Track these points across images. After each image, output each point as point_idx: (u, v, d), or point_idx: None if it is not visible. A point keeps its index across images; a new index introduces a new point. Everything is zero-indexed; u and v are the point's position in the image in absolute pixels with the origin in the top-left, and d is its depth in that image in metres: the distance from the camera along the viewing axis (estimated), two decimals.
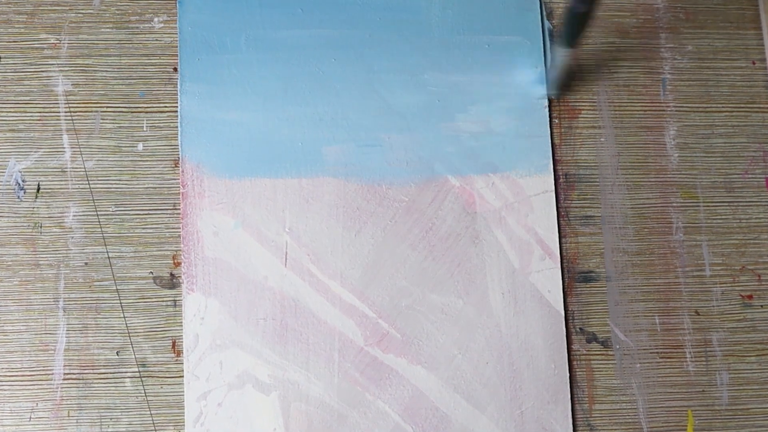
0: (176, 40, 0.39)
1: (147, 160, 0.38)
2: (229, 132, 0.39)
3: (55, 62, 0.39)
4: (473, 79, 0.40)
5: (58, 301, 0.37)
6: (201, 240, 0.38)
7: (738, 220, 0.40)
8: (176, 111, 0.39)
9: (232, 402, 0.36)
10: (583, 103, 0.41)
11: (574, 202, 0.40)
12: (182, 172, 0.38)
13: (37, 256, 0.37)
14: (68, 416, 0.36)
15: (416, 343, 0.38)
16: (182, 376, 0.37)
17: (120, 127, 0.39)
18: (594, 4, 0.33)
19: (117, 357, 0.37)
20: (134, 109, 0.39)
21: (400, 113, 0.39)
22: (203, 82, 0.39)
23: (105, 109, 0.39)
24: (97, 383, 0.36)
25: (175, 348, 0.37)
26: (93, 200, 0.38)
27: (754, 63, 0.42)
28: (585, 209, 0.40)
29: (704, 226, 0.40)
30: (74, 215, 0.38)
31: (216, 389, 0.36)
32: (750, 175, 0.41)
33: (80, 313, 0.37)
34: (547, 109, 0.40)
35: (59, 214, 0.38)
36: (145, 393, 0.37)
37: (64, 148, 0.38)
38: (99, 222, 0.38)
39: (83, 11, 0.39)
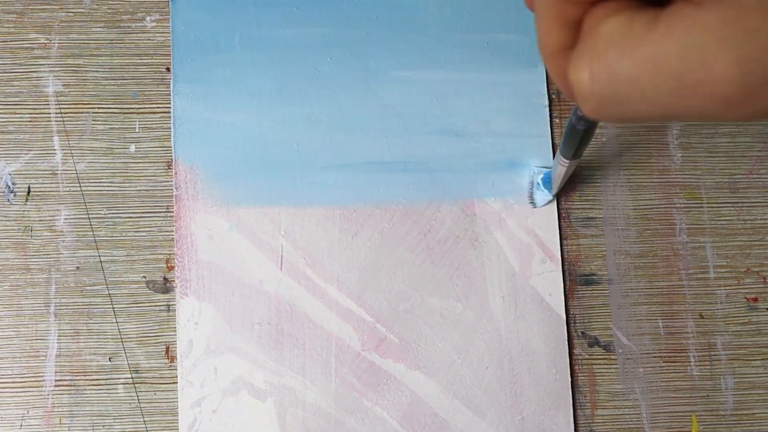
0: (169, 40, 0.39)
1: (139, 162, 0.38)
2: (223, 133, 0.38)
3: (45, 62, 0.38)
4: (472, 78, 0.39)
5: (49, 306, 0.36)
6: (195, 243, 0.37)
7: (743, 221, 0.40)
8: (169, 112, 0.38)
9: (227, 408, 0.36)
10: None
11: (575, 203, 0.39)
12: (175, 174, 0.37)
13: (28, 260, 0.37)
14: (60, 423, 0.35)
15: (415, 347, 0.37)
16: (176, 383, 0.36)
17: (112, 128, 0.38)
18: (595, 123, 0.30)
19: (109, 363, 0.36)
20: (126, 110, 0.38)
21: (397, 113, 0.39)
22: (197, 82, 0.38)
23: (96, 110, 0.38)
24: (90, 390, 0.36)
25: (169, 353, 0.36)
26: (84, 203, 0.37)
27: None
28: (586, 210, 0.39)
29: (708, 227, 0.39)
30: (65, 218, 0.37)
31: (210, 395, 0.36)
32: (755, 176, 0.40)
33: (72, 318, 0.36)
34: (547, 109, 0.39)
35: (50, 218, 0.37)
36: (138, 400, 0.36)
37: (54, 150, 0.37)
38: (91, 225, 0.37)
39: (74, 10, 0.39)
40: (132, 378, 0.36)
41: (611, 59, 0.20)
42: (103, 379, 0.36)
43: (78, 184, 0.37)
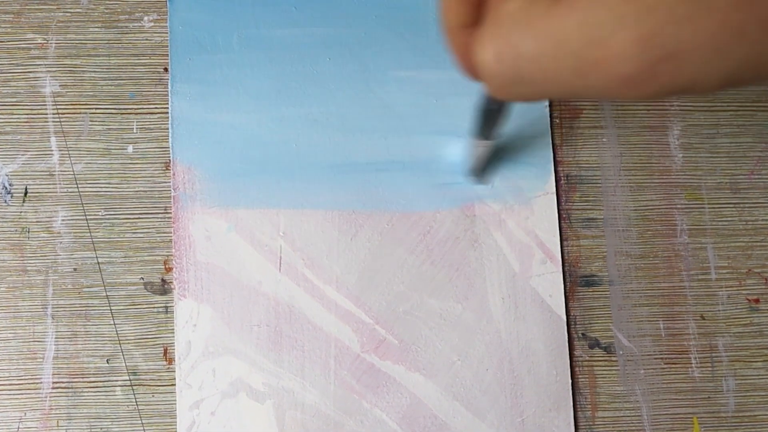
0: (167, 40, 0.38)
1: (137, 163, 0.37)
2: (221, 134, 0.38)
3: (42, 63, 0.38)
4: None
5: (46, 308, 0.36)
6: (193, 244, 0.37)
7: (744, 222, 0.39)
8: (167, 112, 0.38)
9: (225, 410, 0.36)
10: (585, 103, 0.40)
11: (575, 204, 0.39)
12: (173, 174, 0.37)
13: (25, 261, 0.36)
14: (57, 426, 0.35)
15: (414, 349, 0.37)
16: (174, 385, 0.36)
17: (109, 128, 0.38)
18: (505, 103, 0.29)
19: (107, 365, 0.36)
20: (124, 111, 0.38)
21: (397, 113, 0.39)
22: (194, 82, 0.38)
23: (94, 110, 0.38)
24: (87, 392, 0.36)
25: (167, 355, 0.36)
26: (82, 204, 0.37)
27: None
28: (587, 211, 0.39)
29: (709, 228, 0.39)
30: (63, 220, 0.37)
31: (209, 398, 0.36)
32: (756, 176, 0.40)
33: (69, 320, 0.36)
34: (547, 109, 0.39)
35: (47, 219, 0.37)
36: (136, 402, 0.36)
37: (52, 150, 0.37)
38: (88, 226, 0.37)
39: (71, 10, 0.38)
40: (130, 380, 0.36)
41: (514, 38, 0.20)
42: (100, 381, 0.36)
43: (75, 185, 0.37)
